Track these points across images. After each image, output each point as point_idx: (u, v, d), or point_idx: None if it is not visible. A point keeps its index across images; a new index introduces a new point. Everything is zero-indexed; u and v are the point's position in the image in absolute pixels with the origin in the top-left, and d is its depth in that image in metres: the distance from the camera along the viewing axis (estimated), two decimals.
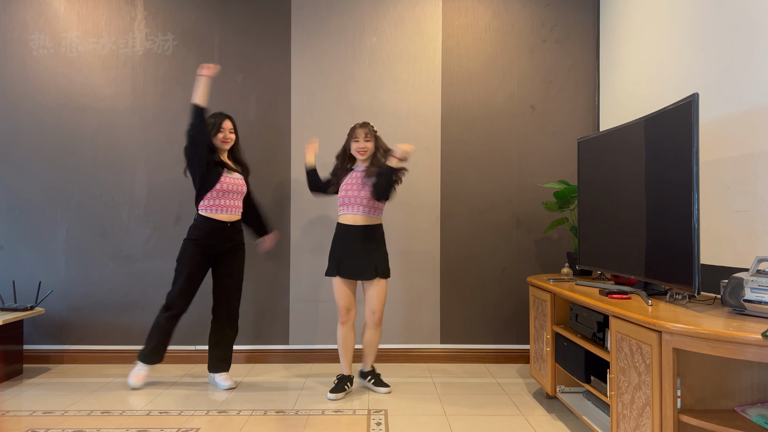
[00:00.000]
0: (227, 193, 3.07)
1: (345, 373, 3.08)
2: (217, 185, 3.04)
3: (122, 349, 3.67)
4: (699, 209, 2.00)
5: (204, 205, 3.07)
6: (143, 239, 3.69)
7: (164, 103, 3.71)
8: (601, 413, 2.53)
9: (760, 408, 1.82)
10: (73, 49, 3.69)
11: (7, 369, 3.31)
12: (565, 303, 2.84)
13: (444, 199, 3.75)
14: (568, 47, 3.78)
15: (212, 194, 3.05)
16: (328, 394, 2.98)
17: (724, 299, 1.94)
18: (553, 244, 3.76)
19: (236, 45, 3.73)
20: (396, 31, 3.75)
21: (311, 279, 3.72)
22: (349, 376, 3.09)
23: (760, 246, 2.16)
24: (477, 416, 2.74)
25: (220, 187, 3.04)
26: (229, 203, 3.08)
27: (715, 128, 2.45)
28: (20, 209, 3.67)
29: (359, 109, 3.73)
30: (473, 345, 3.75)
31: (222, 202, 3.06)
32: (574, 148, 3.76)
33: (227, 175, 3.08)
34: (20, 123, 3.67)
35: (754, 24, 2.23)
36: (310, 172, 3.20)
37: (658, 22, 2.96)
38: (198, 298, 3.66)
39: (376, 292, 3.00)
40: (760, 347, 1.56)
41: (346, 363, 3.07)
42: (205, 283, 3.26)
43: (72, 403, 2.89)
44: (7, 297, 3.65)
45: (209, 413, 2.75)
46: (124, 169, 3.70)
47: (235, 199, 3.11)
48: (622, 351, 2.06)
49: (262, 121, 3.73)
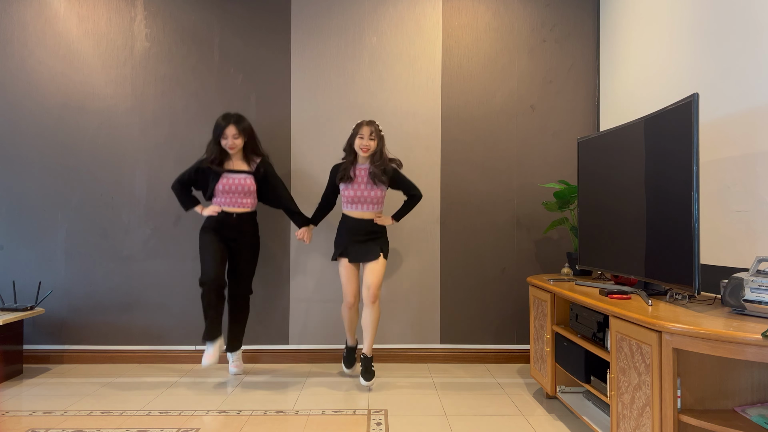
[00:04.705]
0: (227, 193, 3.22)
1: (350, 344, 3.38)
2: (219, 186, 3.21)
3: (122, 349, 3.67)
4: (699, 209, 2.00)
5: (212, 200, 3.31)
6: (143, 239, 3.69)
7: (164, 103, 3.71)
8: (601, 413, 2.53)
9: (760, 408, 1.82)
10: (73, 49, 3.69)
11: (7, 369, 3.31)
12: (565, 303, 2.84)
13: (444, 199, 3.75)
14: (568, 47, 3.78)
15: (216, 196, 3.25)
16: (344, 368, 3.41)
17: (724, 299, 1.94)
18: (553, 244, 3.76)
19: (236, 45, 3.73)
20: (396, 31, 3.75)
21: (311, 279, 3.72)
22: (355, 345, 3.40)
23: (760, 246, 2.16)
24: (477, 416, 2.74)
25: (222, 188, 3.22)
26: (231, 200, 3.23)
27: (715, 128, 2.45)
28: (20, 209, 3.67)
29: (359, 109, 3.74)
30: (473, 345, 3.75)
31: (224, 199, 3.23)
32: (574, 148, 3.76)
33: (229, 176, 3.22)
34: (20, 123, 3.67)
35: (754, 24, 2.23)
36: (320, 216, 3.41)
37: (658, 22, 2.96)
38: (195, 298, 3.67)
39: (372, 268, 3.13)
40: (760, 347, 1.56)
41: (350, 335, 3.34)
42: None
43: (72, 403, 2.89)
44: (7, 297, 3.65)
45: (209, 413, 2.75)
46: (124, 169, 3.70)
47: (239, 196, 3.24)
48: (622, 351, 2.06)
49: (262, 121, 3.73)
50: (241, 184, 3.22)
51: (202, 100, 3.72)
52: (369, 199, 3.16)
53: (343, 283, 3.18)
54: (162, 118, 3.71)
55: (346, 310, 3.23)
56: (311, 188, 3.72)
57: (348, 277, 3.17)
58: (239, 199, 3.24)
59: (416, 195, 3.27)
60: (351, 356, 3.39)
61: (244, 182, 3.23)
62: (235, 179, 3.22)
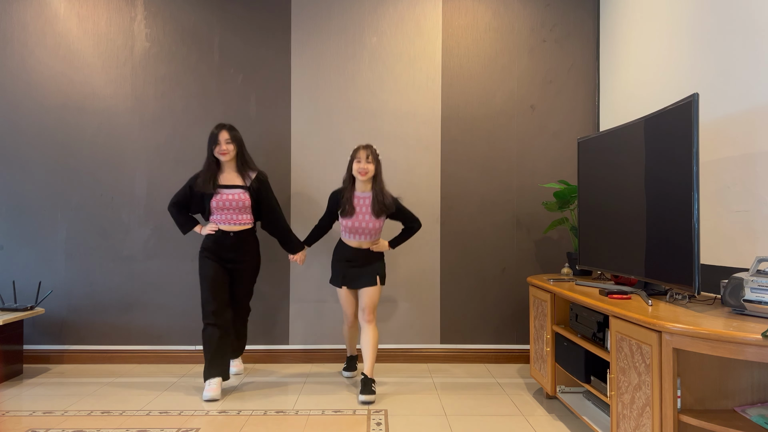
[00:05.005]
0: (222, 210, 3.07)
1: (350, 354, 3.44)
2: (212, 203, 3.06)
3: (122, 349, 3.67)
4: (699, 209, 2.00)
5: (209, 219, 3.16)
6: (143, 239, 3.69)
7: (164, 103, 3.71)
8: (601, 413, 2.53)
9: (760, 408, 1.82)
10: (73, 49, 3.69)
11: (7, 369, 3.31)
12: (565, 303, 2.84)
13: (444, 199, 3.75)
14: (568, 47, 3.78)
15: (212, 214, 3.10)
16: (343, 372, 3.42)
17: (724, 299, 1.94)
18: (553, 244, 3.76)
19: (236, 45, 3.73)
20: (396, 31, 3.75)
21: (311, 279, 3.72)
22: (356, 354, 3.46)
23: (760, 246, 2.16)
24: (477, 416, 2.74)
25: (215, 205, 3.06)
26: (227, 217, 3.08)
27: (715, 128, 2.45)
28: (20, 209, 3.67)
29: (359, 109, 3.74)
30: (473, 345, 3.75)
31: (219, 216, 3.09)
32: (574, 148, 3.76)
33: (222, 192, 3.07)
34: (20, 123, 3.67)
35: (754, 24, 2.23)
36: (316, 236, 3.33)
37: (658, 22, 2.96)
38: (195, 298, 3.67)
39: (367, 292, 3.10)
40: (760, 347, 1.56)
41: (351, 348, 3.41)
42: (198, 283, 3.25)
43: (72, 403, 2.89)
44: (7, 297, 3.65)
45: (209, 413, 2.75)
46: (124, 169, 3.70)
47: (234, 213, 3.08)
48: (622, 351, 2.06)
49: (262, 121, 3.73)
50: (235, 199, 3.06)
51: (202, 100, 3.72)
52: (368, 231, 3.08)
53: (343, 306, 3.21)
54: (162, 119, 3.71)
55: (347, 328, 3.29)
56: (311, 188, 3.72)
57: (346, 301, 3.19)
58: (235, 216, 3.08)
59: (415, 227, 3.21)
60: (352, 363, 3.42)
61: (238, 197, 3.07)
62: (229, 194, 3.06)
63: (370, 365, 3.01)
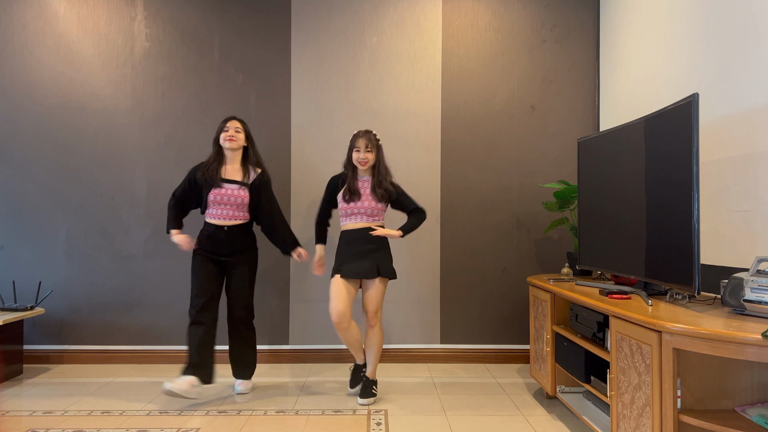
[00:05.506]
0: (218, 204, 2.99)
1: (358, 362, 3.09)
2: (210, 197, 2.99)
3: (122, 349, 3.67)
4: (699, 209, 2.00)
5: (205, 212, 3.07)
6: (143, 239, 3.69)
7: (164, 103, 3.71)
8: (601, 413, 2.53)
9: (760, 408, 1.82)
10: (73, 49, 3.69)
11: (7, 369, 3.31)
12: (565, 303, 2.84)
13: (444, 199, 3.75)
14: (568, 47, 3.78)
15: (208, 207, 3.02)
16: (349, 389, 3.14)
17: (724, 299, 1.94)
18: (553, 244, 3.76)
19: (236, 45, 3.73)
20: (396, 31, 3.75)
21: (311, 279, 3.72)
22: (363, 363, 3.09)
23: (760, 246, 2.16)
24: (477, 416, 2.74)
25: (213, 198, 2.98)
26: (223, 212, 3.00)
27: (715, 128, 2.45)
28: (20, 209, 3.67)
29: (359, 109, 3.74)
30: (473, 345, 3.75)
31: (215, 211, 3.00)
32: (574, 148, 3.76)
33: (222, 186, 3.00)
34: (20, 123, 3.67)
35: (754, 24, 2.23)
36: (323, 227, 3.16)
37: (658, 22, 2.96)
38: None
39: (370, 294, 2.90)
40: (760, 347, 1.56)
41: (354, 354, 3.05)
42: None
43: (72, 403, 2.89)
44: (7, 297, 3.65)
45: (209, 413, 2.75)
46: (124, 169, 3.70)
47: (230, 209, 3.00)
48: (622, 351, 2.06)
49: (262, 121, 3.73)
50: (234, 195, 2.99)
51: (202, 100, 3.72)
52: (364, 210, 2.93)
53: (330, 297, 2.88)
54: (162, 118, 3.71)
55: (339, 334, 2.93)
56: (311, 188, 3.72)
57: (335, 292, 2.86)
58: (231, 212, 3.00)
59: (420, 213, 3.03)
60: (356, 374, 3.11)
61: (237, 194, 2.99)
62: (228, 190, 2.99)
63: (373, 367, 2.97)
